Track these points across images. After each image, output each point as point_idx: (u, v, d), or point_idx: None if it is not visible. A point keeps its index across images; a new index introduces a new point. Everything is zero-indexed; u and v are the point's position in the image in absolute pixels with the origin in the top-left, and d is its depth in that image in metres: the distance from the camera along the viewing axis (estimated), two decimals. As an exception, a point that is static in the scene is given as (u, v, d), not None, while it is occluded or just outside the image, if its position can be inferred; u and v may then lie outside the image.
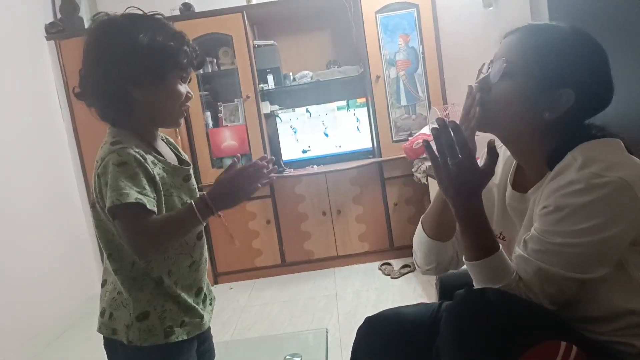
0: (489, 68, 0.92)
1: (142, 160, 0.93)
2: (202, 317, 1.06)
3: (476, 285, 0.87)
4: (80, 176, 3.13)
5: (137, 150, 0.94)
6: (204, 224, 0.99)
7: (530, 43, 0.86)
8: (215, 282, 3.17)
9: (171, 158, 1.07)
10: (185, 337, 1.01)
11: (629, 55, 1.40)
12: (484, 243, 0.84)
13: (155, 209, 0.93)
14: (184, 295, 1.03)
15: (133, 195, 0.88)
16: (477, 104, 0.90)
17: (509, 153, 0.99)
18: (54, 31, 3.02)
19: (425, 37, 3.06)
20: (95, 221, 1.00)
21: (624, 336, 0.81)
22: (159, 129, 1.07)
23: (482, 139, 0.91)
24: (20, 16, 2.86)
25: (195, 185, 1.10)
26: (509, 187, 0.96)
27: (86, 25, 3.14)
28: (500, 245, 0.98)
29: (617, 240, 0.77)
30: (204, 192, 0.98)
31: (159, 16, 1.02)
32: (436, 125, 0.84)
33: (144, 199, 0.89)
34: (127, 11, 1.00)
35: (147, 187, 0.92)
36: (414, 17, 3.05)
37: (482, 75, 0.93)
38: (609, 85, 0.86)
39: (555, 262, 0.78)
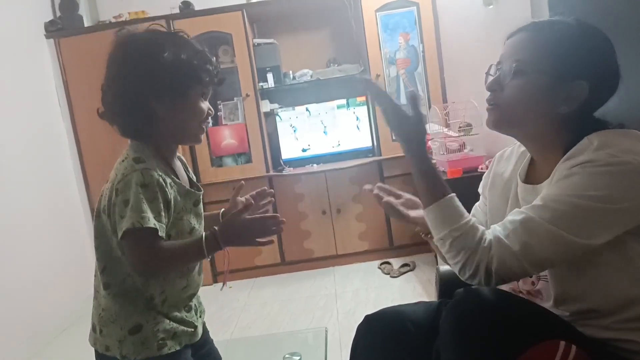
0: (497, 70, 0.92)
1: (163, 185, 0.94)
2: (194, 327, 1.07)
3: (435, 239, 0.86)
4: (79, 176, 3.13)
5: (160, 173, 0.95)
6: (208, 258, 0.99)
7: (538, 40, 0.86)
8: (215, 281, 3.16)
9: (184, 180, 1.07)
10: (177, 348, 1.01)
11: (630, 54, 1.40)
12: (434, 188, 0.86)
13: (164, 235, 0.93)
14: (173, 312, 1.04)
15: (152, 220, 0.90)
16: (489, 107, 0.91)
17: (522, 149, 0.99)
18: (53, 29, 3.01)
19: (426, 36, 3.06)
20: (97, 230, 0.99)
21: (627, 331, 0.80)
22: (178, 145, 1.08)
23: (489, 136, 0.91)
24: (20, 14, 2.85)
25: (202, 211, 1.10)
26: (520, 182, 0.96)
27: (86, 24, 3.14)
28: None
29: (615, 217, 0.75)
30: (216, 228, 0.97)
31: (182, 34, 1.04)
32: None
33: (158, 225, 0.91)
34: (150, 28, 1.02)
35: (162, 212, 0.93)
36: (414, 16, 3.05)
37: (490, 78, 0.92)
38: (617, 71, 0.86)
39: (546, 217, 0.76)
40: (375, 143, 3.22)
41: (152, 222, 0.89)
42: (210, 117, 1.05)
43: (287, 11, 3.27)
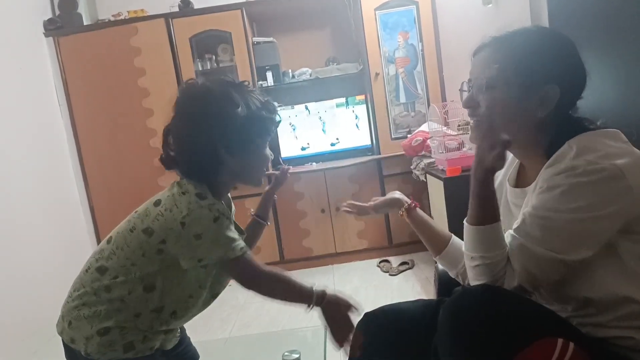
0: (469, 87, 0.95)
1: (227, 214, 1.01)
2: (173, 334, 1.10)
3: (466, 252, 0.89)
4: (79, 174, 3.13)
5: (219, 205, 1.01)
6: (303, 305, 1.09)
7: (501, 54, 0.89)
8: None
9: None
10: (147, 353, 1.02)
11: (631, 52, 1.40)
12: (485, 212, 0.87)
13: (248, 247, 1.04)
14: (157, 329, 1.05)
15: (239, 245, 1.01)
16: (472, 124, 0.95)
17: (512, 155, 1.02)
18: (52, 28, 3.01)
19: (425, 35, 3.06)
20: (122, 243, 1.01)
21: (624, 328, 0.81)
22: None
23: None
24: (19, 12, 2.85)
25: None
26: (508, 186, 0.99)
27: (85, 22, 3.13)
28: None
29: (601, 225, 0.78)
30: (326, 291, 1.09)
31: (247, 83, 1.08)
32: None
33: (243, 244, 1.03)
34: (220, 79, 1.06)
35: (236, 234, 1.03)
36: (414, 15, 3.05)
37: (465, 94, 0.96)
38: (583, 69, 0.89)
39: (537, 237, 0.80)
40: (374, 142, 3.22)
41: (239, 247, 1.01)
42: (270, 161, 1.13)
43: (286, 10, 3.27)
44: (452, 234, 1.16)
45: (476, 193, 0.87)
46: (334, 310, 1.07)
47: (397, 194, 1.24)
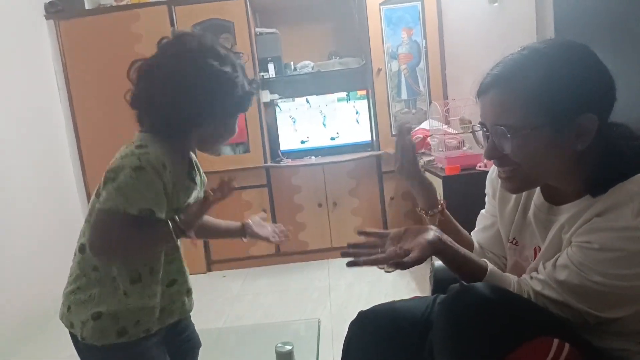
0: (484, 132, 0.84)
1: (161, 169, 0.93)
2: (160, 314, 1.05)
3: None
4: (76, 160, 3.11)
5: (160, 157, 0.94)
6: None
7: (514, 94, 0.76)
8: (209, 270, 3.17)
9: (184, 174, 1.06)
10: (142, 335, 1.01)
11: (638, 51, 1.39)
12: (470, 272, 0.86)
13: (163, 215, 0.95)
14: (154, 291, 1.02)
15: (135, 207, 0.89)
16: (503, 175, 0.85)
17: None
18: (53, 11, 2.98)
19: (429, 32, 3.04)
20: (90, 215, 0.99)
21: (625, 341, 0.81)
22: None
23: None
24: (19, -6, 2.81)
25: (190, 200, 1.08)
26: (540, 195, 0.91)
27: (87, 7, 3.09)
28: (512, 250, 0.99)
29: None
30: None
31: (242, 54, 1.06)
32: None
33: (153, 209, 0.92)
34: (213, 44, 1.01)
35: (159, 194, 0.93)
36: (418, 11, 3.03)
37: (478, 135, 0.87)
38: (612, 79, 0.78)
39: (583, 298, 0.77)
40: (374, 137, 3.21)
41: (135, 209, 0.89)
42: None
43: (290, 1, 3.25)
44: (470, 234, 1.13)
45: (454, 262, 0.86)
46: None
47: (434, 189, 1.13)
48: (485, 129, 0.84)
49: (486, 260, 0.89)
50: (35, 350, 2.34)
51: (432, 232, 0.84)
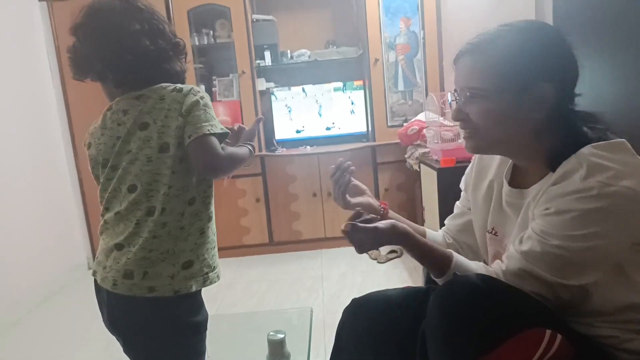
0: (455, 97, 0.91)
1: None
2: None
3: None
4: (68, 143, 3.08)
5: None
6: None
7: (483, 62, 0.84)
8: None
9: None
10: (216, 281, 1.09)
11: (638, 44, 1.38)
12: (437, 260, 0.90)
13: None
14: (215, 244, 1.12)
15: (219, 125, 1.03)
16: (464, 135, 0.93)
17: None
18: (45, -8, 2.92)
19: (427, 22, 3.02)
20: (153, 175, 1.00)
21: (611, 328, 0.81)
22: None
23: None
24: (11, -26, 2.75)
25: None
26: (506, 184, 0.96)
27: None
28: (492, 240, 0.99)
29: (615, 248, 0.76)
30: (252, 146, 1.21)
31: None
32: None
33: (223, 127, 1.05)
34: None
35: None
36: (417, 1, 3.01)
37: (453, 104, 0.92)
38: (574, 58, 0.84)
39: (549, 265, 0.78)
40: (370, 128, 3.20)
41: (218, 128, 1.02)
42: None
43: (288, -12, 3.21)
44: (425, 228, 1.16)
45: (419, 254, 0.91)
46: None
47: (370, 199, 1.17)
48: (456, 94, 0.91)
49: (452, 252, 0.92)
50: (27, 333, 2.33)
51: (388, 223, 0.92)
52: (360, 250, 0.91)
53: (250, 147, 1.18)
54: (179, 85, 1.04)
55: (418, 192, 2.85)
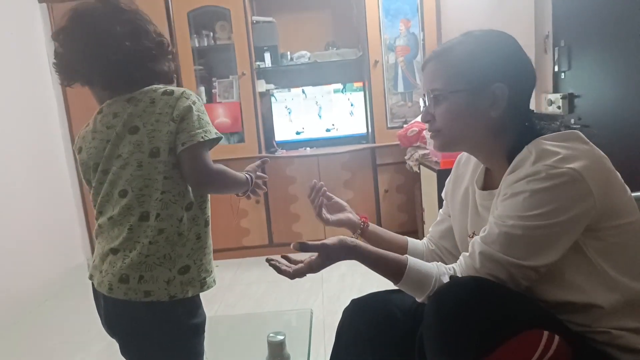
0: (424, 101, 0.98)
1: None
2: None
3: (417, 299, 0.91)
4: (68, 145, 3.08)
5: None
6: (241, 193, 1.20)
7: (443, 65, 0.92)
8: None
9: None
10: (213, 285, 1.09)
11: (636, 45, 1.39)
12: (391, 267, 0.92)
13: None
14: (210, 251, 1.11)
15: (213, 131, 1.04)
16: (431, 135, 0.99)
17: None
18: (46, -7, 2.93)
19: (427, 24, 3.03)
20: (144, 181, 0.99)
21: (601, 326, 0.82)
22: None
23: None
24: (12, -25, 2.76)
25: None
26: (477, 189, 1.00)
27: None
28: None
29: (565, 229, 0.78)
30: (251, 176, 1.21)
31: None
32: None
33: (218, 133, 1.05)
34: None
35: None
36: (417, 2, 3.01)
37: (423, 109, 0.99)
38: (528, 62, 0.92)
39: (503, 245, 0.80)
40: (369, 130, 3.21)
41: (213, 133, 1.03)
42: None
43: (287, -10, 3.21)
44: (407, 238, 1.19)
45: (372, 262, 0.95)
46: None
47: (350, 214, 1.22)
48: (425, 98, 0.98)
49: (407, 256, 0.93)
50: (26, 334, 2.33)
51: (336, 239, 0.96)
52: (311, 270, 0.96)
53: (247, 176, 1.17)
54: (169, 88, 1.04)
55: (418, 193, 2.85)
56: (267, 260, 0.99)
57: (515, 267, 0.80)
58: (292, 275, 0.98)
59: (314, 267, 0.96)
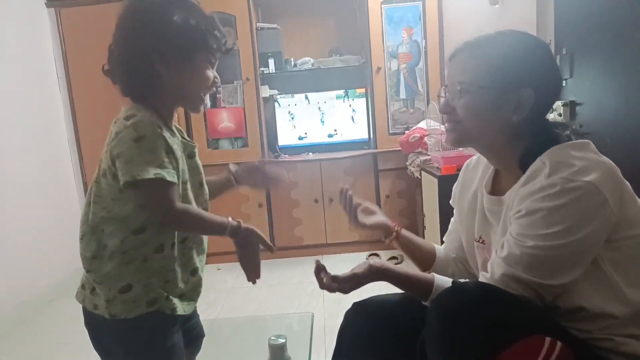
0: (445, 93, 0.96)
1: (160, 131, 0.93)
2: (186, 301, 1.06)
3: None
4: (74, 147, 3.11)
5: (151, 119, 0.94)
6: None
7: (475, 59, 0.90)
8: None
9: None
10: (169, 312, 1.01)
11: (637, 52, 1.40)
12: (419, 286, 0.92)
13: (175, 180, 0.94)
14: (178, 272, 1.03)
15: (156, 170, 0.90)
16: (447, 128, 0.97)
17: (486, 160, 1.02)
18: (54, -2, 2.97)
19: (429, 32, 3.05)
20: (94, 197, 0.99)
21: (606, 334, 0.82)
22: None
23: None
24: (21, -19, 2.80)
25: (200, 164, 1.11)
26: (485, 193, 0.99)
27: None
28: (480, 249, 1.02)
29: (587, 244, 0.78)
30: (242, 223, 1.07)
31: None
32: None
33: (163, 172, 0.91)
34: None
35: (165, 159, 0.93)
36: (419, 11, 3.04)
37: (442, 100, 0.96)
38: (558, 72, 0.91)
39: (527, 266, 0.80)
40: (371, 135, 3.23)
41: (151, 173, 0.89)
42: (216, 87, 1.06)
43: (292, -3, 3.25)
44: (433, 244, 1.19)
45: (400, 282, 0.94)
46: (246, 241, 1.10)
47: (384, 218, 1.21)
48: (446, 89, 0.95)
49: (434, 274, 0.93)
50: (32, 335, 2.34)
51: (365, 265, 0.97)
52: (345, 292, 0.98)
53: (232, 224, 1.04)
54: (131, 113, 0.95)
55: (419, 199, 2.86)
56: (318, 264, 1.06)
57: (541, 287, 0.80)
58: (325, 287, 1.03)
59: (345, 290, 0.99)
